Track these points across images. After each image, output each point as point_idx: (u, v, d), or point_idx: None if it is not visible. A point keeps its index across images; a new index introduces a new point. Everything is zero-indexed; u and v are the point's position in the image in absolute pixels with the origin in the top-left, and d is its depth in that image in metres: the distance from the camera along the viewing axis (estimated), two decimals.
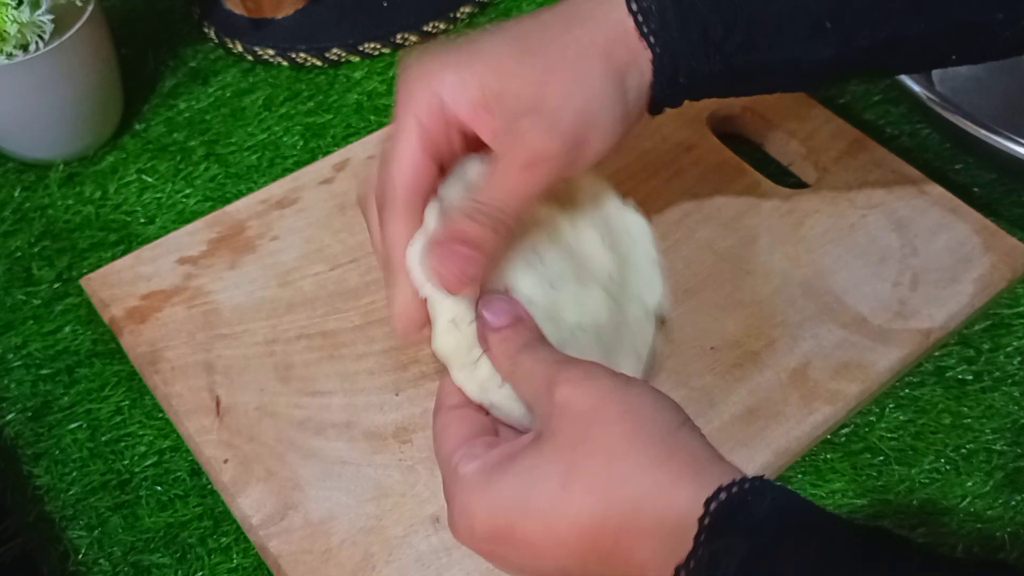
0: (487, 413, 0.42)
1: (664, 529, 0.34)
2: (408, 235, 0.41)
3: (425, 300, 0.41)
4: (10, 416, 0.54)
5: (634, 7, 0.42)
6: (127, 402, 0.54)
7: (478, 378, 0.41)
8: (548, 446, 0.36)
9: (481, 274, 0.41)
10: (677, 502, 0.34)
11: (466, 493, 0.37)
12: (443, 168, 0.43)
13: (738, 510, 0.33)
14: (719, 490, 0.33)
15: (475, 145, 0.43)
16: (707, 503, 0.33)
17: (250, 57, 0.72)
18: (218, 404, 0.52)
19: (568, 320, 0.44)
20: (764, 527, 0.32)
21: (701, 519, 0.33)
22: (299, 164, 0.65)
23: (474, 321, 0.41)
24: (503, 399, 0.41)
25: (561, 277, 0.44)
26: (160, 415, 0.54)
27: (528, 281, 0.44)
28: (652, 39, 0.42)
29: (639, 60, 0.42)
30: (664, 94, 0.43)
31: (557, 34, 0.42)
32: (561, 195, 0.47)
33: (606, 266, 0.46)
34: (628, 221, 0.48)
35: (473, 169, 0.44)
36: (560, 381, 0.37)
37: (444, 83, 0.41)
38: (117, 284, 0.57)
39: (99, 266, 0.58)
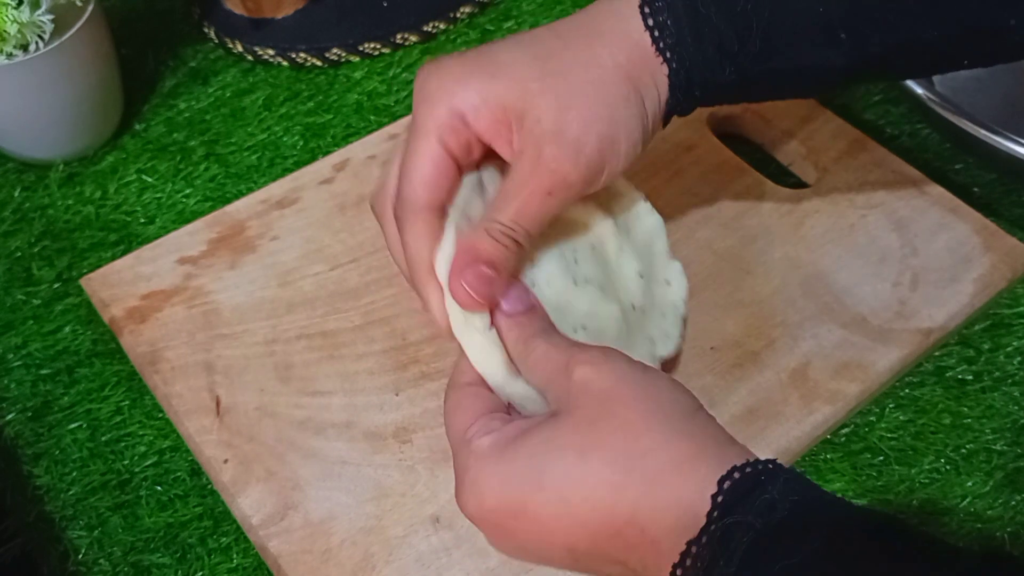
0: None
1: (679, 505, 0.34)
2: (429, 247, 0.42)
3: None
4: (10, 416, 0.54)
5: (650, 22, 0.42)
6: (127, 402, 0.54)
7: (494, 360, 0.42)
8: (566, 421, 0.36)
9: (499, 293, 0.42)
10: (693, 479, 0.34)
11: (479, 465, 0.37)
12: (460, 172, 0.44)
13: (751, 490, 0.33)
14: (733, 469, 0.34)
15: (493, 154, 0.44)
16: (721, 482, 0.34)
17: (250, 57, 0.72)
18: (218, 404, 0.52)
19: (574, 317, 0.44)
20: (776, 508, 0.33)
21: (715, 496, 0.33)
22: (299, 164, 0.65)
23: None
24: (518, 386, 0.42)
25: (587, 280, 0.45)
26: (160, 415, 0.54)
27: (554, 268, 0.45)
28: (668, 54, 0.42)
29: (657, 78, 0.42)
30: (678, 106, 0.44)
31: (579, 53, 0.42)
32: (619, 216, 0.48)
33: (633, 296, 0.47)
34: (671, 271, 0.49)
35: (489, 178, 0.44)
36: (579, 362, 0.38)
37: (465, 100, 0.41)
38: (117, 284, 0.57)
39: (99, 266, 0.58)
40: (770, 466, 0.34)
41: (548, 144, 0.41)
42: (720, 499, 0.33)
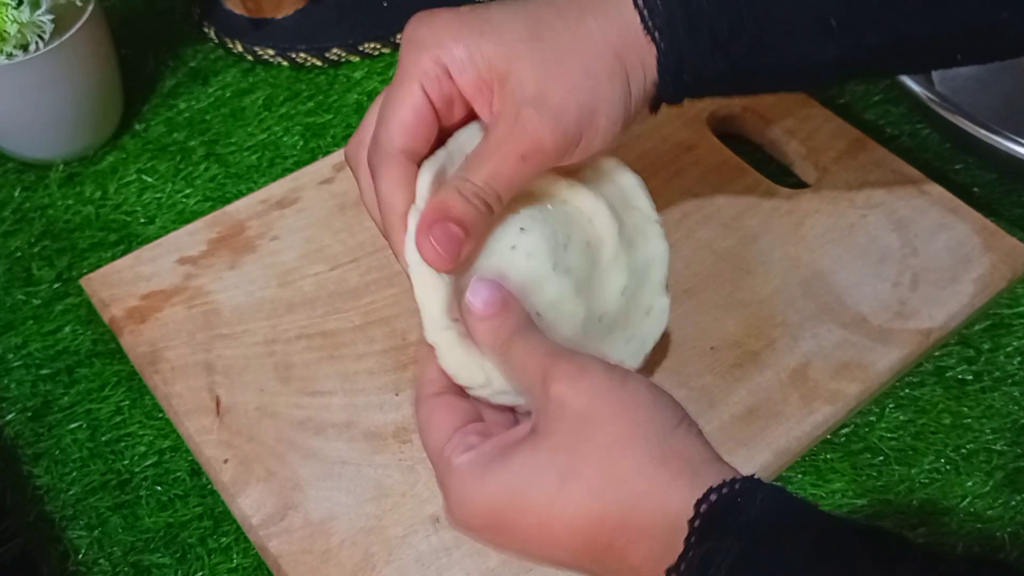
0: (468, 396, 0.42)
1: (658, 531, 0.34)
2: (403, 195, 0.41)
3: None
4: (10, 416, 0.54)
5: (640, 2, 0.41)
6: (127, 402, 0.54)
7: (436, 297, 0.41)
8: (545, 443, 0.36)
9: (467, 253, 0.41)
10: (670, 505, 0.34)
11: (461, 485, 0.37)
12: (440, 132, 0.43)
13: (727, 512, 0.33)
14: (709, 491, 0.34)
15: (473, 116, 0.43)
16: (697, 505, 0.33)
17: (250, 57, 0.72)
18: (218, 404, 0.52)
19: (535, 301, 0.43)
20: (755, 528, 0.33)
21: (691, 521, 0.33)
22: (299, 164, 0.65)
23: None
24: (450, 335, 0.41)
25: (567, 270, 0.44)
26: (160, 415, 0.54)
27: (541, 243, 0.43)
28: (657, 35, 0.41)
29: (645, 59, 0.42)
30: (667, 92, 0.43)
31: (570, 24, 0.41)
32: (628, 227, 0.47)
33: (605, 308, 0.46)
34: (657, 303, 0.47)
35: (470, 138, 0.43)
36: (555, 377, 0.37)
37: (452, 54, 0.41)
38: (117, 284, 0.57)
39: (99, 266, 0.58)
40: (748, 484, 0.34)
41: (527, 108, 0.40)
42: (697, 523, 0.33)
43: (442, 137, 0.43)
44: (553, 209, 0.45)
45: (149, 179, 0.65)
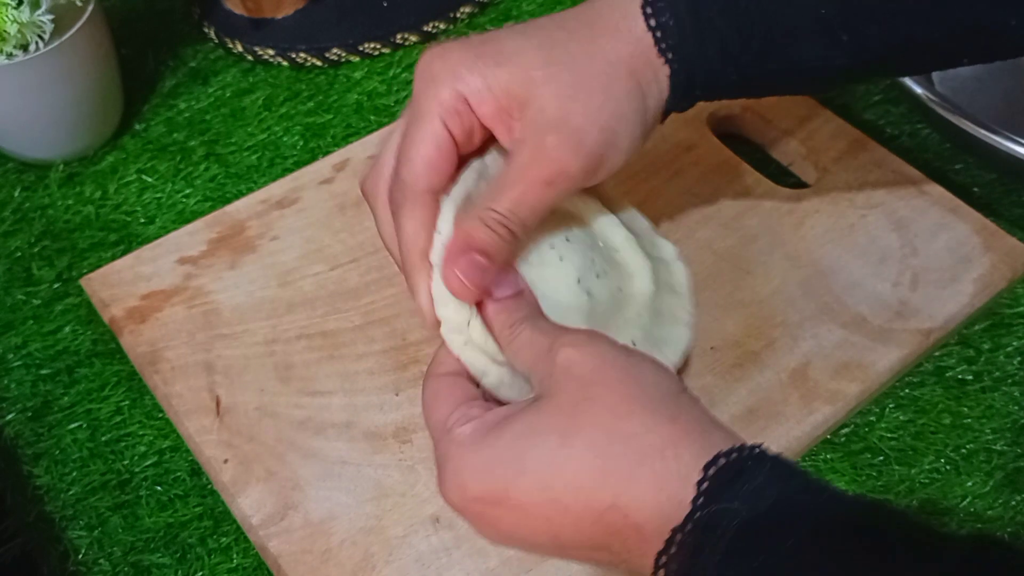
0: (478, 385, 0.42)
1: (664, 491, 0.34)
2: (426, 233, 0.41)
3: None
4: (10, 416, 0.54)
5: (652, 23, 0.42)
6: (127, 402, 0.54)
7: (475, 347, 0.41)
8: (548, 404, 0.36)
9: (492, 282, 0.41)
10: (677, 465, 0.34)
11: (460, 452, 0.37)
12: (459, 157, 0.43)
13: (737, 476, 0.33)
14: (718, 455, 0.34)
15: (494, 139, 0.43)
16: (706, 468, 0.33)
17: (250, 57, 0.72)
18: (218, 404, 0.52)
19: (545, 303, 0.43)
20: (763, 495, 0.33)
21: (699, 483, 0.33)
22: (299, 164, 0.65)
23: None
24: (497, 372, 0.41)
25: (590, 293, 0.44)
26: (160, 415, 0.54)
27: (576, 258, 0.44)
28: (670, 55, 0.42)
29: (659, 76, 0.42)
30: (678, 104, 0.44)
31: (583, 45, 0.42)
32: (661, 302, 0.47)
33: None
34: (672, 342, 0.47)
35: (492, 164, 0.44)
36: (562, 344, 0.37)
37: (470, 84, 0.41)
38: (117, 284, 0.57)
39: (99, 266, 0.58)
40: (756, 451, 0.34)
41: (550, 133, 0.41)
42: (705, 485, 0.33)
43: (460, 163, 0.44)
44: (603, 247, 0.46)
45: (149, 179, 0.65)
